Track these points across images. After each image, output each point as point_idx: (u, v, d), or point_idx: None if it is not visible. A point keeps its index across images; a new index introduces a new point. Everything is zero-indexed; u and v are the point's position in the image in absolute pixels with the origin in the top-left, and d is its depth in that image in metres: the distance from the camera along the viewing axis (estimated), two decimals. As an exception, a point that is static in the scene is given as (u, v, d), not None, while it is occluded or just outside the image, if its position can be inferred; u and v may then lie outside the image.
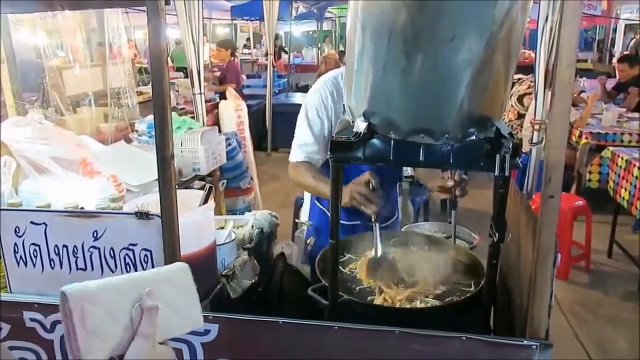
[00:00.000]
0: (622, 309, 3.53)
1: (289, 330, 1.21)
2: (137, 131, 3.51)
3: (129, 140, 3.40)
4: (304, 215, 2.15)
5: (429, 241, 1.66)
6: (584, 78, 7.29)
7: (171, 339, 0.82)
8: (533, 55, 4.92)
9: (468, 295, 1.36)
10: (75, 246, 1.37)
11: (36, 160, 1.95)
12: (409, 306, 1.35)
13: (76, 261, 1.38)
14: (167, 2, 1.14)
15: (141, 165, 2.47)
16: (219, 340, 1.25)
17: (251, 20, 13.18)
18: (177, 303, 0.81)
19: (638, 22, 10.88)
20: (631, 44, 11.22)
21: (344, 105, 1.44)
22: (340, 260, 1.45)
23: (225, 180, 3.90)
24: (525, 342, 1.11)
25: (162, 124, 1.18)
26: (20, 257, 1.41)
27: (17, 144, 1.95)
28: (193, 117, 3.95)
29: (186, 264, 0.86)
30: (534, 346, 1.10)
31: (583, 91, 6.33)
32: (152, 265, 1.33)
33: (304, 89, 9.92)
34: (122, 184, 2.20)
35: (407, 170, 2.57)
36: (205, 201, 1.55)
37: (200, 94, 3.96)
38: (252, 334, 1.25)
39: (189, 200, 1.55)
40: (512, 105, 5.43)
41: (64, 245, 1.38)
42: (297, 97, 8.76)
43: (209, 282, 1.49)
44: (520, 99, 5.40)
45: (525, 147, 4.04)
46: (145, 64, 8.13)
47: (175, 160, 1.23)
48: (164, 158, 1.20)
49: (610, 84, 6.46)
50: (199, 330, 1.23)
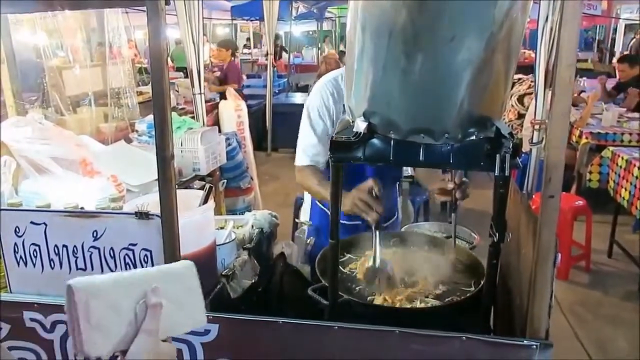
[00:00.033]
0: (622, 309, 3.53)
1: (289, 330, 1.21)
2: (137, 131, 3.51)
3: (129, 140, 3.40)
4: (304, 215, 2.15)
5: (429, 241, 1.66)
6: (584, 78, 7.28)
7: (171, 338, 0.82)
8: (533, 55, 4.92)
9: (468, 295, 1.37)
10: (75, 246, 1.37)
11: (36, 160, 1.95)
12: (409, 306, 1.35)
13: (76, 261, 1.39)
14: (167, 2, 1.14)
15: (141, 165, 2.47)
16: (219, 340, 1.25)
17: (251, 20, 13.17)
18: (181, 301, 0.81)
19: (638, 22, 10.88)
20: (631, 44, 11.21)
21: (343, 106, 1.43)
22: (340, 260, 1.45)
23: (225, 180, 3.89)
24: (525, 342, 1.11)
25: (162, 124, 1.18)
26: (20, 257, 1.41)
27: (17, 144, 1.95)
28: (193, 117, 3.94)
29: (191, 262, 0.87)
30: (534, 346, 1.10)
31: (583, 91, 6.33)
32: (152, 265, 1.33)
33: (304, 89, 9.91)
34: (122, 184, 2.20)
35: (407, 170, 2.57)
36: (205, 201, 1.56)
37: (200, 94, 3.96)
38: (252, 334, 1.25)
39: (189, 200, 1.55)
40: (512, 105, 5.42)
41: (64, 245, 1.38)
42: (297, 97, 8.74)
43: (209, 282, 1.48)
44: (520, 99, 5.39)
45: (526, 147, 4.04)
46: (145, 64, 8.12)
47: (175, 160, 1.23)
48: (164, 158, 1.20)
49: (611, 84, 6.45)
50: (199, 330, 1.24)
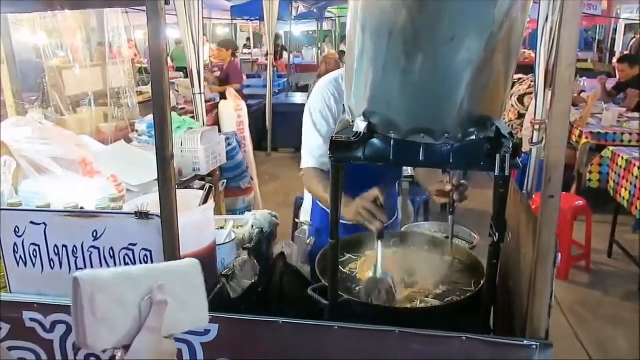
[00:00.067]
0: (622, 308, 3.53)
1: (289, 330, 1.21)
2: (137, 131, 3.51)
3: (129, 140, 3.40)
4: (304, 215, 2.15)
5: (429, 241, 1.66)
6: (584, 78, 7.28)
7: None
8: (533, 55, 4.91)
9: (468, 295, 1.36)
10: (75, 246, 1.37)
11: (36, 160, 1.95)
12: (409, 306, 1.35)
13: (76, 261, 1.38)
14: (167, 2, 1.14)
15: (141, 165, 2.47)
16: (218, 340, 1.25)
17: (251, 20, 13.17)
18: (185, 299, 0.81)
19: (638, 22, 10.88)
20: (631, 44, 11.20)
21: (343, 106, 1.43)
22: (340, 260, 1.45)
23: (225, 180, 3.89)
24: (525, 342, 1.11)
25: (162, 124, 1.18)
26: (20, 257, 1.41)
27: (17, 144, 1.95)
28: (193, 117, 3.94)
29: (197, 260, 0.86)
30: (534, 346, 1.10)
31: (583, 91, 6.33)
32: (152, 265, 1.33)
33: (304, 88, 9.91)
34: (122, 184, 2.20)
35: (407, 170, 2.56)
36: (205, 201, 1.55)
37: (200, 94, 3.95)
38: (252, 334, 1.25)
39: (188, 200, 1.55)
40: (512, 105, 5.42)
41: (64, 245, 1.38)
42: (297, 97, 8.74)
43: (208, 282, 1.46)
44: (520, 99, 5.39)
45: (526, 147, 4.03)
46: (145, 64, 8.11)
47: (175, 160, 1.23)
48: (164, 158, 1.20)
49: (611, 83, 6.45)
50: (199, 330, 1.24)
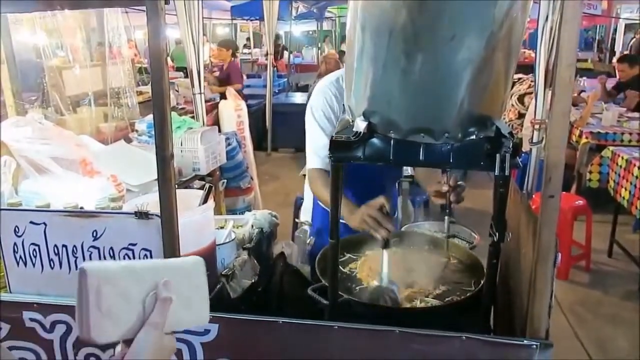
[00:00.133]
0: (622, 308, 3.53)
1: (289, 330, 1.21)
2: (137, 131, 3.51)
3: (129, 140, 3.40)
4: (304, 215, 2.15)
5: (429, 241, 1.66)
6: (584, 78, 7.28)
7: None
8: (533, 55, 4.91)
9: (468, 295, 1.37)
10: (74, 246, 1.37)
11: (36, 160, 1.95)
12: (409, 306, 1.35)
13: (76, 261, 1.38)
14: (167, 2, 1.14)
15: (141, 165, 2.47)
16: (218, 340, 1.24)
17: (251, 20, 13.16)
18: (188, 297, 0.82)
19: (638, 22, 10.88)
20: (631, 44, 11.20)
21: (343, 105, 1.43)
22: (340, 260, 1.45)
23: (225, 180, 3.89)
24: (525, 341, 1.11)
25: (162, 124, 1.18)
26: (20, 257, 1.41)
27: (17, 144, 1.95)
28: (193, 117, 3.94)
29: (201, 258, 0.87)
30: (534, 346, 1.10)
31: (583, 91, 6.33)
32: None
33: (304, 88, 9.90)
34: (122, 183, 2.20)
35: (407, 170, 2.56)
36: (205, 201, 1.55)
37: (200, 93, 3.95)
38: (252, 334, 1.25)
39: (188, 200, 1.55)
40: (512, 105, 5.42)
41: (64, 245, 1.38)
42: (297, 97, 8.75)
43: (208, 282, 1.47)
44: (520, 99, 5.39)
45: (526, 147, 4.03)
46: (145, 64, 8.11)
47: (175, 160, 1.23)
48: (164, 158, 1.20)
49: (611, 83, 6.45)
50: (199, 330, 1.24)
